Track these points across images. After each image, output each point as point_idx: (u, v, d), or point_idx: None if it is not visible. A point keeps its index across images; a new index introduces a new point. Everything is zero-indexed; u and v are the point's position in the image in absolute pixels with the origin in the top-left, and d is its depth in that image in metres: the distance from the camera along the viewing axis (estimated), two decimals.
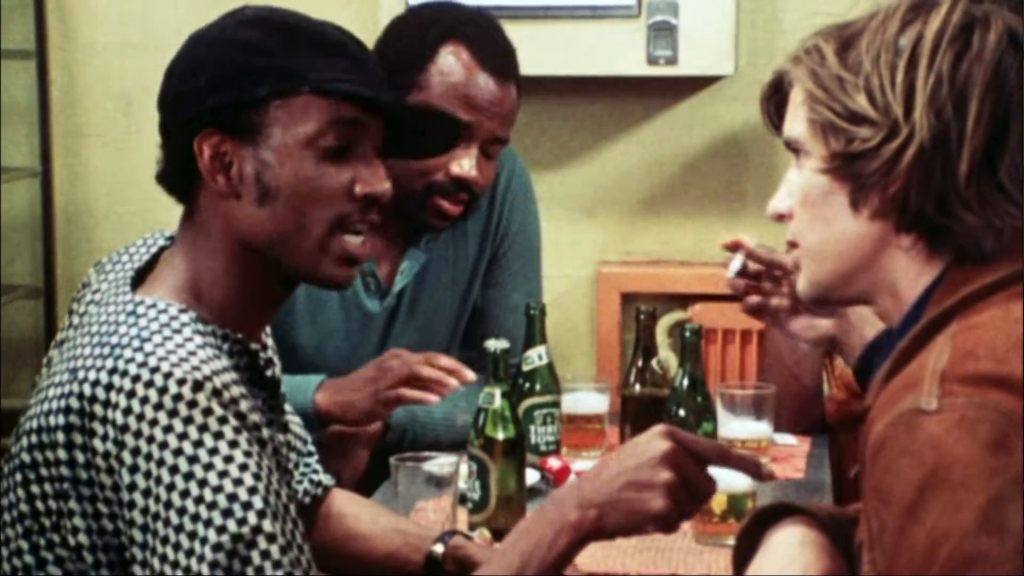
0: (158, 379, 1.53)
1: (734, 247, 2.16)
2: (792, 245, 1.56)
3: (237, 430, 1.53)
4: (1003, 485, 1.30)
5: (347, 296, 2.60)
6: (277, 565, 1.51)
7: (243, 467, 1.52)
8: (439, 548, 1.96)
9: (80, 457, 1.54)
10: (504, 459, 2.18)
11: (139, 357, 1.55)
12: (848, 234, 1.50)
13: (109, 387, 1.54)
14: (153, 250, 1.74)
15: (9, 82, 3.65)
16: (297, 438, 1.98)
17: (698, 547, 2.15)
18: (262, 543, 1.51)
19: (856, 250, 1.50)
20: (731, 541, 1.69)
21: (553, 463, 2.41)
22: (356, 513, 2.04)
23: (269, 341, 1.82)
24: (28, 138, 3.68)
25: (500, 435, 2.18)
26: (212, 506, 1.51)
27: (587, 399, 2.58)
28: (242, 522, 1.51)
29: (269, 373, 1.70)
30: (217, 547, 1.50)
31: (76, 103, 3.63)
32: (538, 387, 2.49)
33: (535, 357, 2.49)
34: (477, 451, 2.19)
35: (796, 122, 1.53)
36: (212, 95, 1.65)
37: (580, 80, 3.46)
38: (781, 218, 1.57)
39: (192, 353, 1.56)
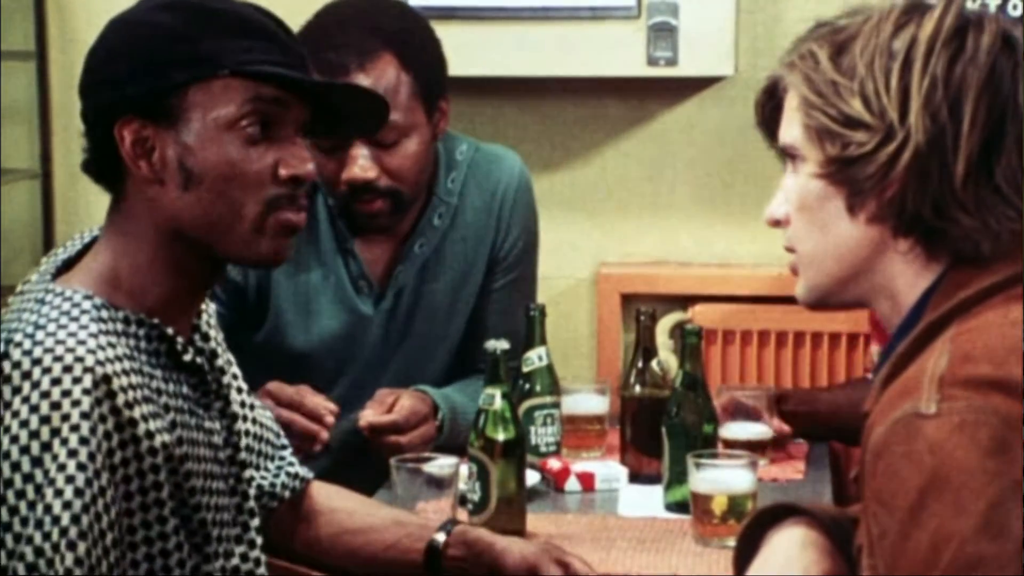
0: (36, 372, 1.57)
1: None
2: (789, 250, 1.56)
3: (84, 440, 1.55)
4: (1003, 489, 1.30)
5: (339, 299, 2.59)
6: None
7: (69, 479, 1.55)
8: (441, 537, 1.96)
9: None
10: (504, 460, 2.18)
11: (27, 344, 1.58)
12: (845, 239, 1.50)
13: None
14: (87, 240, 1.76)
15: (9, 83, 3.65)
16: (268, 430, 1.98)
17: (698, 548, 2.15)
18: (57, 563, 1.54)
19: (853, 254, 1.50)
20: (731, 542, 1.69)
21: (553, 464, 2.42)
22: (350, 508, 2.05)
23: (212, 332, 1.82)
24: (28, 139, 3.68)
25: (500, 436, 2.18)
26: (32, 506, 1.54)
27: (587, 400, 2.58)
28: (47, 536, 1.54)
29: (187, 358, 1.71)
30: (20, 556, 1.54)
31: (76, 104, 3.61)
32: (538, 388, 2.49)
33: (535, 358, 2.49)
34: (477, 452, 2.19)
35: (791, 127, 1.52)
36: (131, 82, 1.68)
37: (580, 81, 3.45)
38: (777, 223, 1.57)
39: (82, 342, 1.58)
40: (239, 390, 1.89)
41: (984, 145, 1.44)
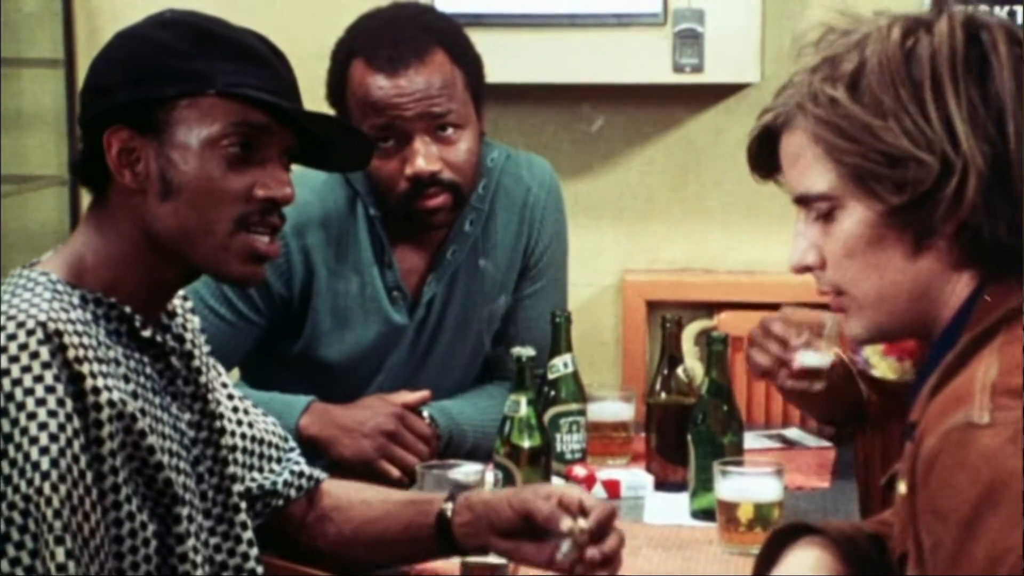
0: None
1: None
2: (837, 293, 1.51)
3: (50, 388, 1.63)
4: None
5: (374, 310, 2.59)
6: (50, 529, 1.60)
7: (42, 426, 1.62)
8: (449, 507, 1.95)
9: None
10: (530, 467, 2.18)
11: None
12: (905, 274, 1.46)
13: None
14: (57, 249, 1.82)
15: (38, 90, 3.67)
16: (272, 435, 2.00)
17: (725, 556, 2.15)
18: (42, 505, 1.60)
19: (913, 289, 1.47)
20: (757, 550, 1.69)
21: (579, 471, 2.41)
22: (366, 499, 2.05)
23: (188, 335, 1.85)
24: (56, 146, 3.69)
25: (526, 443, 2.18)
26: (12, 464, 1.61)
27: (613, 407, 2.58)
28: (30, 482, 1.60)
29: (147, 334, 1.76)
30: (11, 505, 1.60)
31: None
32: (564, 395, 2.49)
33: (560, 365, 2.49)
34: (503, 459, 2.19)
35: (818, 177, 1.47)
36: (123, 91, 1.74)
37: (606, 88, 3.46)
38: (807, 270, 1.52)
39: (35, 305, 1.66)
40: (230, 396, 1.93)
41: None
